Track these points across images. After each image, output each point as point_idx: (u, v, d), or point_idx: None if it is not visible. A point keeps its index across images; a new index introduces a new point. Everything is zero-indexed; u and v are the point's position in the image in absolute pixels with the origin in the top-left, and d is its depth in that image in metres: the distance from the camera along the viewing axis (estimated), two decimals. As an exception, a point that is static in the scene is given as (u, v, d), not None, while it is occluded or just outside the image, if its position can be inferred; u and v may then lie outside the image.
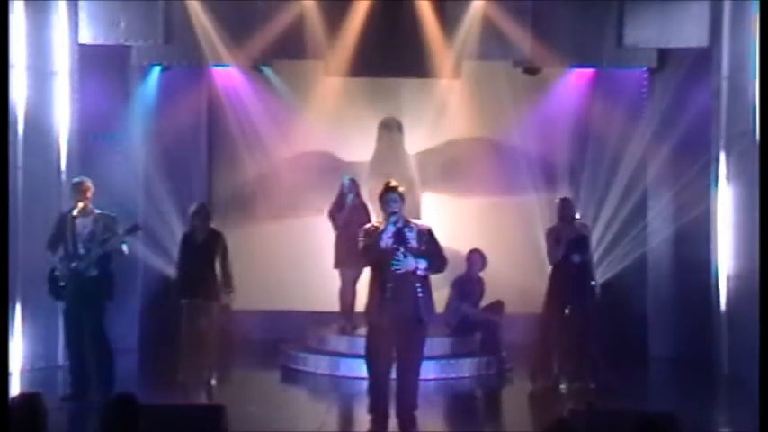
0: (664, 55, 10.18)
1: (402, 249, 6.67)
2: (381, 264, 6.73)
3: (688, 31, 9.68)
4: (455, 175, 11.54)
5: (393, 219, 6.74)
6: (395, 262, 6.64)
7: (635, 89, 10.61)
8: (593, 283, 8.60)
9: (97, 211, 7.84)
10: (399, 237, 6.72)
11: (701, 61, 9.71)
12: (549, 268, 8.70)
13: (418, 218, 9.68)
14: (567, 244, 8.46)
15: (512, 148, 10.99)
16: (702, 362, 9.47)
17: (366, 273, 7.68)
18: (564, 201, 8.79)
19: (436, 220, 11.20)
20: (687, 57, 9.94)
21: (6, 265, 8.36)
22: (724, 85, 9.41)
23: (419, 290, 6.75)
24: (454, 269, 9.74)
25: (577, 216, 8.71)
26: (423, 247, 6.76)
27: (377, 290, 6.79)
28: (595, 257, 9.46)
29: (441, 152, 11.65)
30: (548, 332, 8.66)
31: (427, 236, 6.83)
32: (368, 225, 7.02)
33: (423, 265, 6.72)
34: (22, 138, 9.04)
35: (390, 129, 11.42)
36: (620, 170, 10.37)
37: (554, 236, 8.56)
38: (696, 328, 9.76)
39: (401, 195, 6.82)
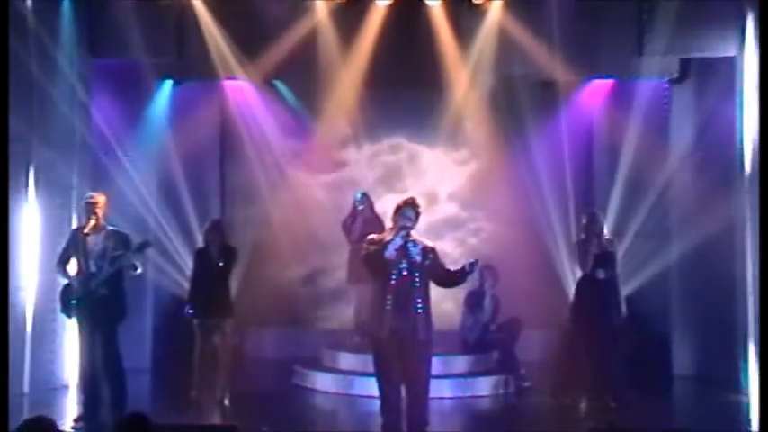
0: (686, 65, 9.96)
1: (405, 263, 6.57)
2: (383, 275, 6.63)
3: (712, 40, 9.41)
4: (472, 187, 11.40)
5: (403, 233, 6.65)
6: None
7: (656, 100, 10.34)
8: (619, 298, 8.45)
9: (109, 228, 7.71)
10: (404, 251, 6.63)
11: (726, 71, 9.42)
12: (570, 284, 8.53)
13: (440, 233, 9.56)
14: (594, 259, 8.34)
15: (529, 160, 10.78)
16: (726, 381, 9.22)
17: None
18: (591, 215, 8.67)
19: (453, 233, 11.15)
20: (710, 66, 9.71)
21: (6, 276, 8.28)
22: (749, 96, 9.13)
23: (419, 307, 6.64)
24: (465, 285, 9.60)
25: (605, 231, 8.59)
26: (426, 263, 6.69)
27: (376, 301, 6.71)
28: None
29: (458, 165, 11.53)
30: (573, 348, 8.55)
31: (432, 254, 6.76)
32: (373, 235, 6.92)
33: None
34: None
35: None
36: (641, 184, 10.13)
37: (582, 250, 8.47)
38: (720, 346, 9.51)
39: (418, 214, 6.76)
